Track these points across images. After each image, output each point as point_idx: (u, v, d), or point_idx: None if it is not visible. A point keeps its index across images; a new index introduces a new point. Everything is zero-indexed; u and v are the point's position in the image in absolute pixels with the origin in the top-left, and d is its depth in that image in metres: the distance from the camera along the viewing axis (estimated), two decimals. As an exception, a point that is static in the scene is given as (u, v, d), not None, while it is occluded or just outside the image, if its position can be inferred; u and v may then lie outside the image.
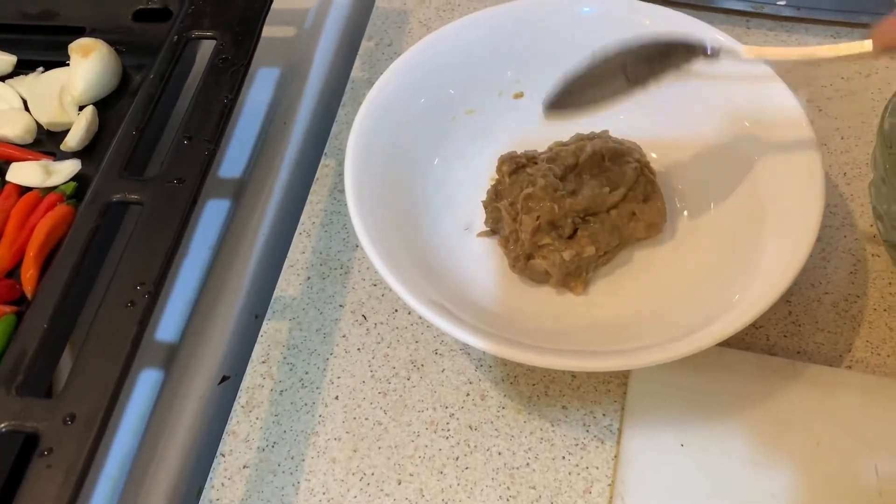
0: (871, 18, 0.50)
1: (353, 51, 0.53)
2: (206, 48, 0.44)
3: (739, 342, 0.39)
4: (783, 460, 0.34)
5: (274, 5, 0.55)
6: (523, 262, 0.39)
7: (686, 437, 0.35)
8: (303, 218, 0.45)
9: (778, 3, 0.51)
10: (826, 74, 0.49)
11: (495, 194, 0.42)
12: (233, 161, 0.48)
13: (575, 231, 0.39)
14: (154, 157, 0.43)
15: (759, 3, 0.51)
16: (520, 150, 0.43)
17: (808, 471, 0.33)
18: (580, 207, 0.39)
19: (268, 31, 0.54)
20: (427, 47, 0.42)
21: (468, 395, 0.38)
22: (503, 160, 0.42)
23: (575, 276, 0.40)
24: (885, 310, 0.39)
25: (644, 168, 0.41)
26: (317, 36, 0.54)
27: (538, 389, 0.38)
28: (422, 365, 0.39)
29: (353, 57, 0.53)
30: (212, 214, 0.46)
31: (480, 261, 0.41)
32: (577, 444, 0.37)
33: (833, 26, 0.50)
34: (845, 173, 0.44)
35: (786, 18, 0.51)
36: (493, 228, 0.42)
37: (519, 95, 0.45)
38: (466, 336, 0.33)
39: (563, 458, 0.36)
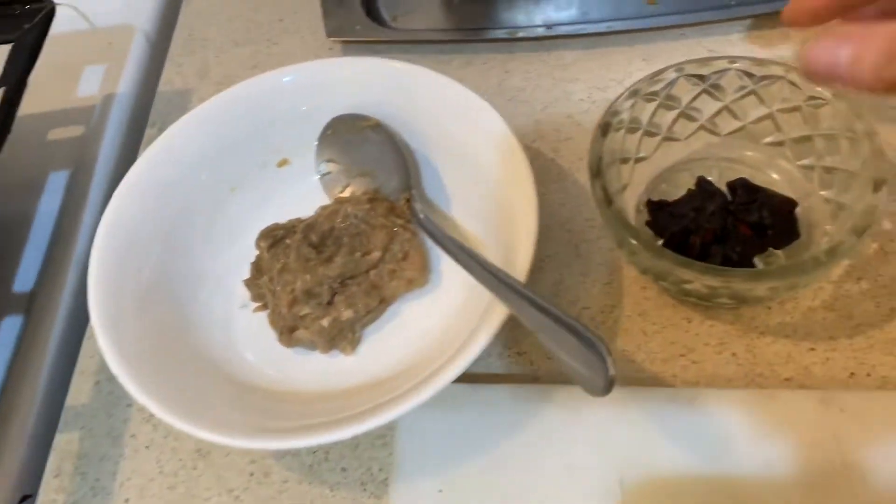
0: (608, 27, 0.51)
1: (139, 140, 0.54)
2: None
3: (505, 373, 0.40)
4: (533, 489, 0.35)
5: (61, 105, 0.56)
6: (287, 334, 0.40)
7: (444, 482, 0.36)
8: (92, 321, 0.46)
9: (535, 25, 0.53)
10: (584, 88, 0.50)
11: (257, 270, 0.43)
12: (25, 274, 0.49)
13: (334, 296, 0.41)
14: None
15: (513, 29, 0.53)
16: (293, 217, 0.44)
17: (558, 495, 0.35)
18: (334, 274, 0.40)
19: (57, 133, 0.55)
20: (166, 143, 0.43)
21: (252, 474, 0.39)
22: (261, 235, 0.43)
23: (342, 339, 0.41)
24: (638, 315, 0.41)
25: (400, 228, 0.42)
26: (102, 131, 0.55)
27: (318, 457, 0.39)
28: (208, 452, 0.40)
29: (137, 147, 0.53)
30: (6, 332, 0.46)
31: (258, 336, 0.42)
32: (355, 505, 0.38)
33: (585, 38, 0.52)
34: (602, 184, 0.46)
35: (544, 38, 0.53)
36: (265, 304, 0.43)
37: (284, 163, 0.47)
38: (221, 439, 0.34)
39: (342, 521, 0.37)
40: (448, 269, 0.43)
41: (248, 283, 0.42)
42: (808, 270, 0.32)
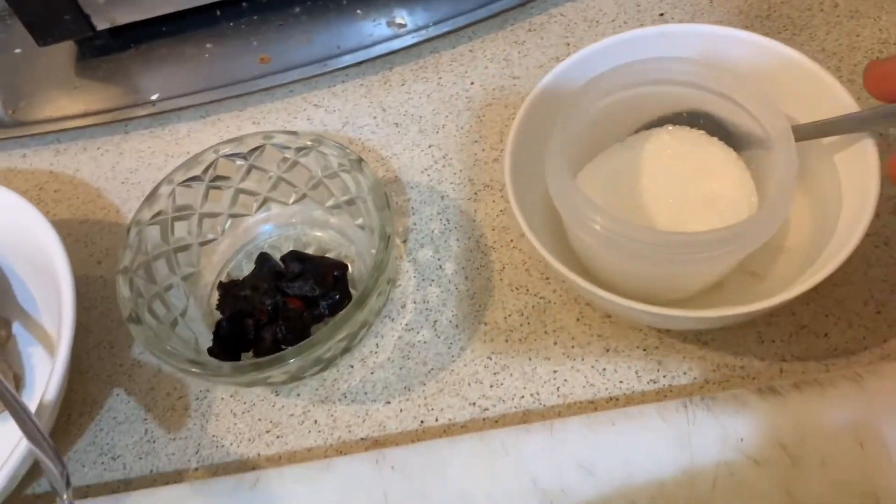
0: (222, 93, 0.51)
1: None
2: None
3: (97, 482, 0.40)
4: None
5: None
6: None
7: None
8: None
9: (145, 102, 0.52)
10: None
11: None
12: None
13: None
14: None
15: (124, 109, 0.52)
16: None
17: None
18: None
19: None
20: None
21: None
22: None
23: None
24: (230, 396, 0.41)
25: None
26: None
27: None
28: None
29: None
30: None
31: None
32: None
33: (197, 108, 0.52)
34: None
35: (156, 113, 0.52)
36: None
37: None
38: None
39: None
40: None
41: None
42: (276, 364, 0.34)
